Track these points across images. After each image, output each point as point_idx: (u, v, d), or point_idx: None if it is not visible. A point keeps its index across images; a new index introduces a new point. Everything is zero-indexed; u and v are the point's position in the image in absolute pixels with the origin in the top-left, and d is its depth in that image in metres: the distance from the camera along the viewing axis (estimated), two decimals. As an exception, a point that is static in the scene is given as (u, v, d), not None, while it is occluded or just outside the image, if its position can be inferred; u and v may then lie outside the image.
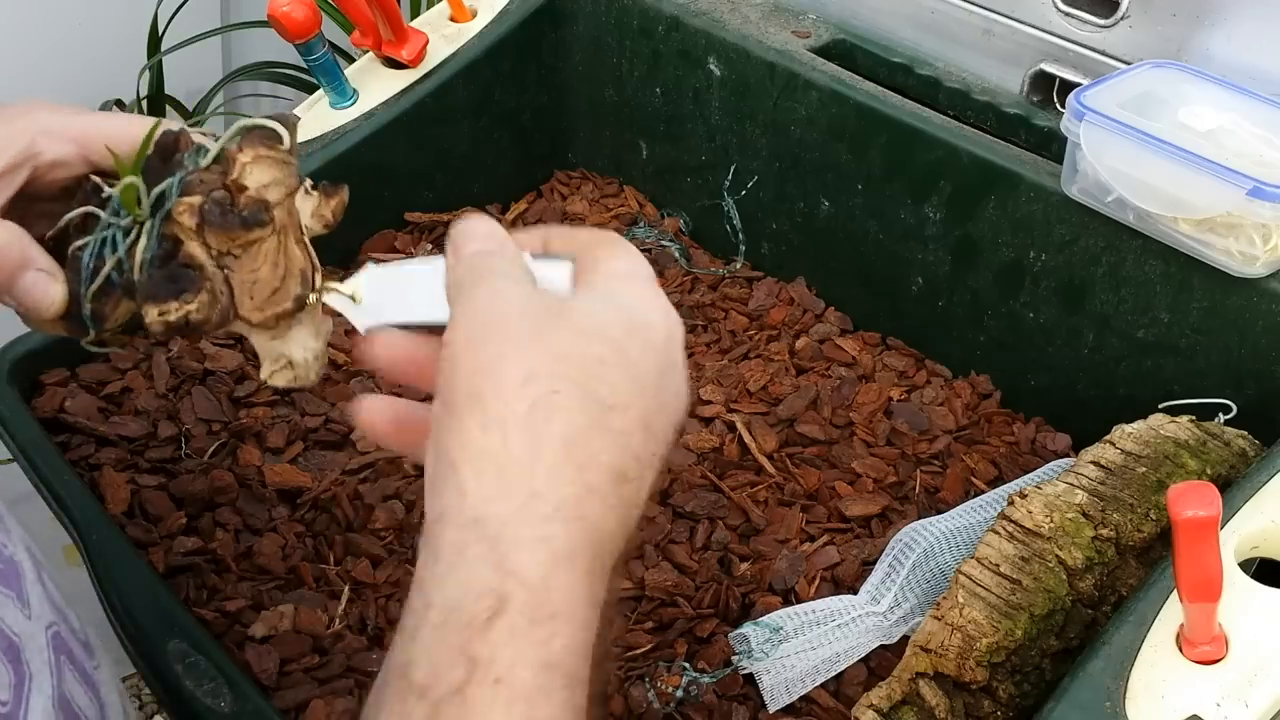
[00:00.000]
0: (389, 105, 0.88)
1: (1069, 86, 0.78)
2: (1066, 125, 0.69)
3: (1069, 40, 0.82)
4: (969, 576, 0.56)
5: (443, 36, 0.93)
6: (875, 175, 0.85)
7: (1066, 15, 0.81)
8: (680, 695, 0.63)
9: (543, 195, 1.03)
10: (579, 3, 0.98)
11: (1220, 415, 0.69)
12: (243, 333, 0.44)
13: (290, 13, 0.79)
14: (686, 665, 0.65)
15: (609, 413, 0.35)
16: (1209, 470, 0.60)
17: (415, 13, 1.34)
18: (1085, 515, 0.57)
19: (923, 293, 0.86)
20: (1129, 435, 0.62)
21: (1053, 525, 0.57)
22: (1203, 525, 0.44)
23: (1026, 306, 0.80)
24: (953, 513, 0.69)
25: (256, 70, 1.42)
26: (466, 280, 0.38)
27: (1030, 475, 0.73)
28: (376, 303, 0.44)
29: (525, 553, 0.32)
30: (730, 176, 0.94)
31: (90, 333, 0.45)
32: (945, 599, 0.56)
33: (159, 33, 1.32)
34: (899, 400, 0.83)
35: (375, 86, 0.89)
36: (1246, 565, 0.53)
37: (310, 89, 1.06)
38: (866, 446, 0.80)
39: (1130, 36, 0.79)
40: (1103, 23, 0.80)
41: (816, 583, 0.70)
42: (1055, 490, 0.59)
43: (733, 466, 0.78)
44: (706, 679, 0.64)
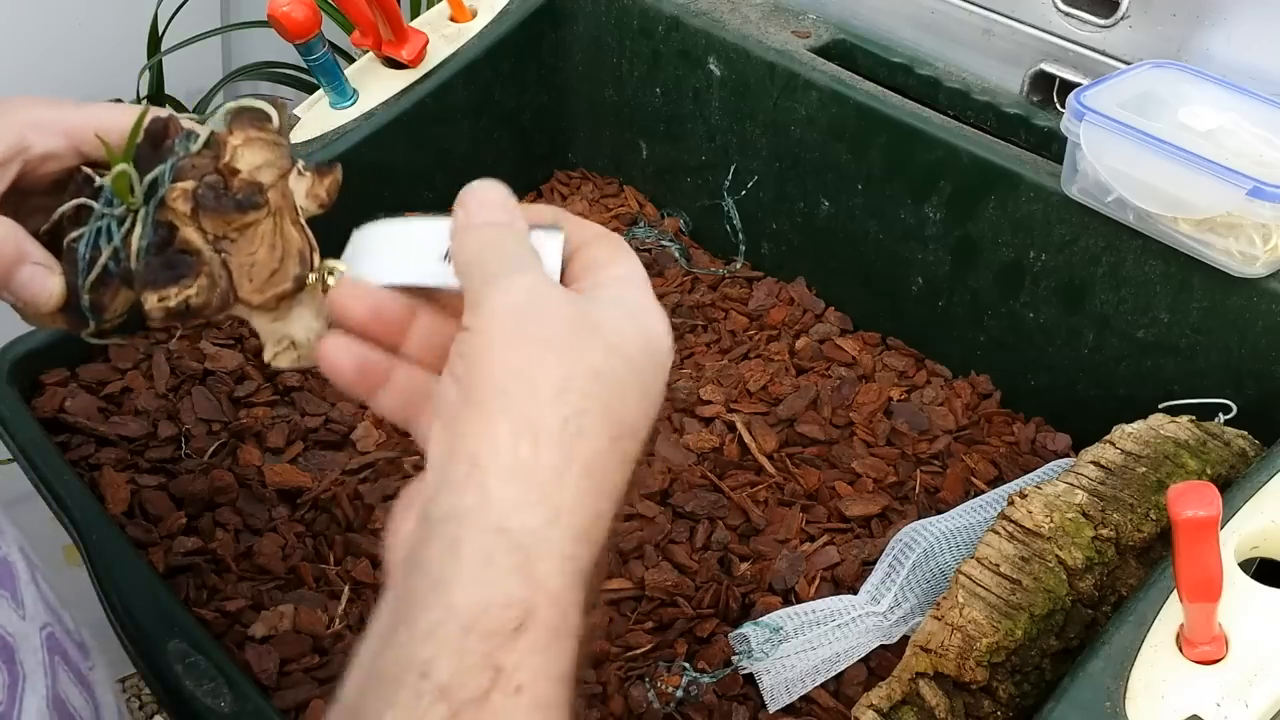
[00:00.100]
0: (389, 105, 0.88)
1: (1069, 86, 0.78)
2: (1066, 125, 0.69)
3: (1069, 40, 0.82)
4: (969, 576, 0.56)
5: (443, 36, 0.93)
6: (875, 175, 0.85)
7: (1066, 15, 0.81)
8: (680, 695, 0.63)
9: (543, 195, 1.03)
10: (579, 3, 0.98)
11: (1220, 415, 0.69)
12: (243, 316, 0.44)
13: (290, 13, 0.79)
14: (686, 665, 0.65)
15: (622, 439, 0.35)
16: (1209, 470, 0.60)
17: (415, 13, 1.34)
18: (1085, 515, 0.57)
19: (923, 293, 0.86)
20: (1129, 435, 0.62)
21: (1053, 525, 0.57)
22: (1203, 525, 0.44)
23: (1026, 306, 0.80)
24: (953, 513, 0.69)
25: (256, 70, 1.42)
26: (488, 260, 0.37)
27: (1030, 475, 0.73)
28: (370, 263, 0.43)
29: (554, 569, 0.32)
30: (730, 176, 0.94)
31: (90, 324, 0.45)
32: (945, 599, 0.56)
33: (159, 33, 1.32)
34: (899, 400, 0.83)
35: (375, 86, 0.89)
36: (1246, 565, 0.53)
37: (310, 89, 1.06)
38: (866, 446, 0.80)
39: (1130, 36, 0.79)
40: (1103, 23, 0.80)
41: (816, 583, 0.70)
42: (1055, 490, 0.59)
43: (733, 466, 0.78)
44: (706, 679, 0.64)
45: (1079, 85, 0.72)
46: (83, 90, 1.29)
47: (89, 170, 0.45)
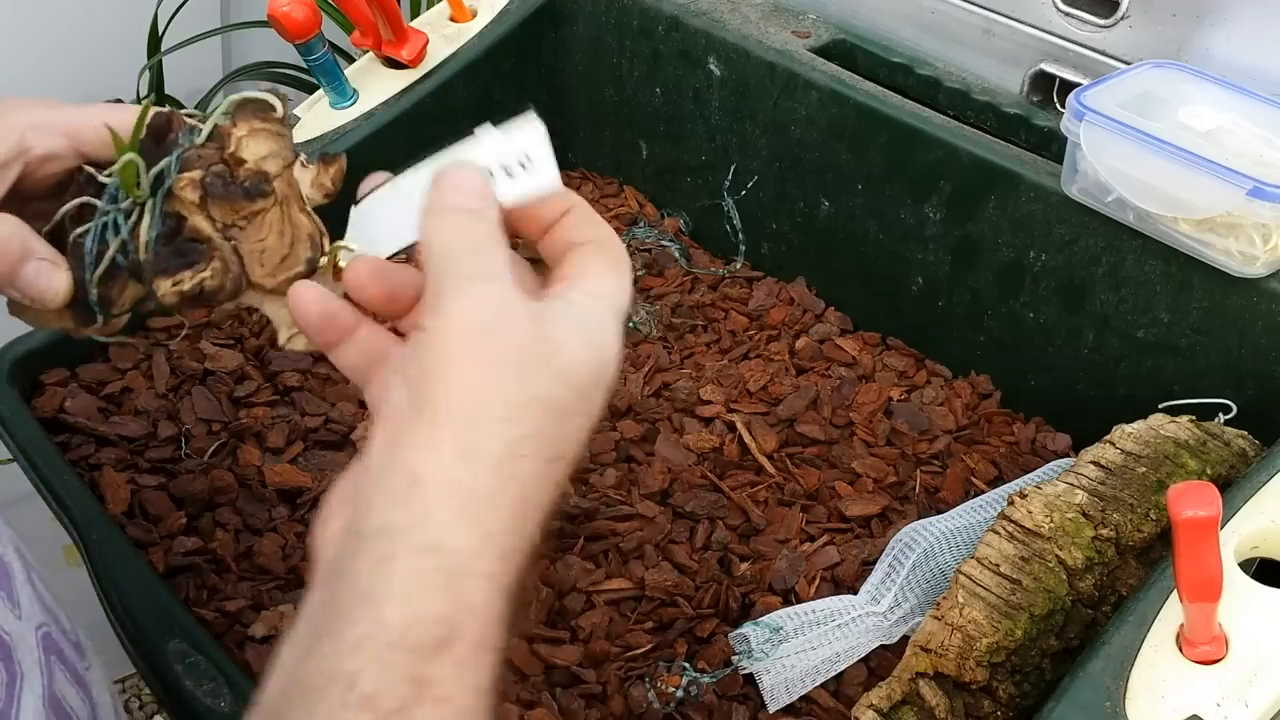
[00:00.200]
0: (389, 105, 0.88)
1: (1069, 86, 0.78)
2: (1066, 125, 0.69)
3: (1069, 40, 0.82)
4: (969, 576, 0.56)
5: (443, 36, 0.93)
6: (875, 175, 0.85)
7: (1066, 15, 0.81)
8: (680, 695, 0.63)
9: (543, 195, 1.03)
10: (579, 3, 0.98)
11: (1220, 415, 0.69)
12: (254, 303, 0.44)
13: (290, 13, 0.79)
14: (686, 665, 0.65)
15: (557, 462, 0.36)
16: (1209, 470, 0.60)
17: (415, 13, 1.34)
18: (1085, 515, 0.57)
19: (923, 293, 0.86)
20: (1129, 435, 0.62)
21: (1053, 525, 0.57)
22: (1203, 525, 0.44)
23: (1026, 306, 0.80)
24: (953, 513, 0.69)
25: (256, 70, 1.42)
26: (457, 255, 0.37)
27: (1030, 475, 0.73)
28: (370, 236, 0.43)
29: (480, 588, 0.33)
30: (730, 176, 0.94)
31: (98, 320, 0.45)
32: (945, 599, 0.56)
33: (159, 33, 1.32)
34: (899, 400, 0.83)
35: (375, 86, 0.89)
36: (1246, 565, 0.53)
37: (310, 89, 1.06)
38: (866, 446, 0.80)
39: (1130, 36, 0.79)
40: (1103, 23, 0.80)
41: (816, 583, 0.70)
42: (1055, 490, 0.59)
43: (733, 466, 0.78)
44: (706, 679, 0.64)
45: (1079, 85, 0.72)
46: (83, 90, 1.29)
47: (91, 170, 0.46)
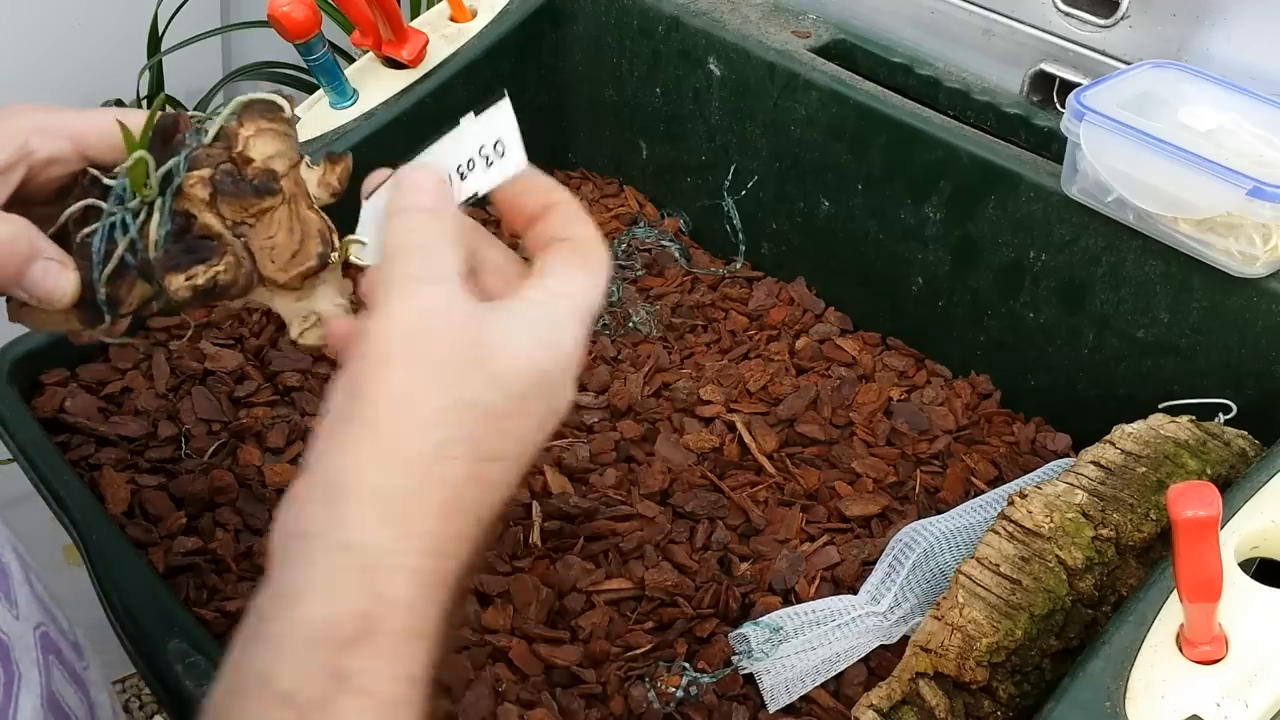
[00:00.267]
0: (389, 105, 0.88)
1: (1069, 86, 0.78)
2: (1066, 125, 0.69)
3: (1069, 40, 0.82)
4: (969, 576, 0.56)
5: (443, 36, 0.93)
6: (875, 175, 0.85)
7: (1066, 15, 0.81)
8: (680, 695, 0.63)
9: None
10: (579, 3, 0.98)
11: (1220, 415, 0.69)
12: (264, 300, 0.45)
13: (290, 13, 0.79)
14: (686, 665, 0.65)
15: (490, 463, 0.36)
16: (1209, 470, 0.60)
17: (415, 13, 1.34)
18: (1085, 515, 0.57)
19: (923, 293, 0.86)
20: (1129, 435, 0.62)
21: (1053, 525, 0.57)
22: (1203, 525, 0.44)
23: (1026, 306, 0.80)
24: (953, 513, 0.69)
25: (256, 70, 1.42)
26: (410, 254, 0.38)
27: (1030, 475, 0.73)
28: (376, 239, 0.43)
29: (401, 582, 0.34)
30: (730, 176, 0.94)
31: (105, 319, 0.46)
32: (945, 599, 0.56)
33: (159, 33, 1.32)
34: (899, 400, 0.83)
35: (375, 86, 0.89)
36: (1246, 565, 0.53)
37: (310, 89, 1.06)
38: (866, 446, 0.80)
39: (1130, 36, 0.79)
40: (1103, 23, 0.80)
41: (816, 583, 0.70)
42: (1055, 490, 0.59)
43: (733, 466, 0.78)
44: (706, 679, 0.64)
45: (1079, 85, 0.72)
46: (83, 90, 1.29)
47: (95, 172, 0.46)
